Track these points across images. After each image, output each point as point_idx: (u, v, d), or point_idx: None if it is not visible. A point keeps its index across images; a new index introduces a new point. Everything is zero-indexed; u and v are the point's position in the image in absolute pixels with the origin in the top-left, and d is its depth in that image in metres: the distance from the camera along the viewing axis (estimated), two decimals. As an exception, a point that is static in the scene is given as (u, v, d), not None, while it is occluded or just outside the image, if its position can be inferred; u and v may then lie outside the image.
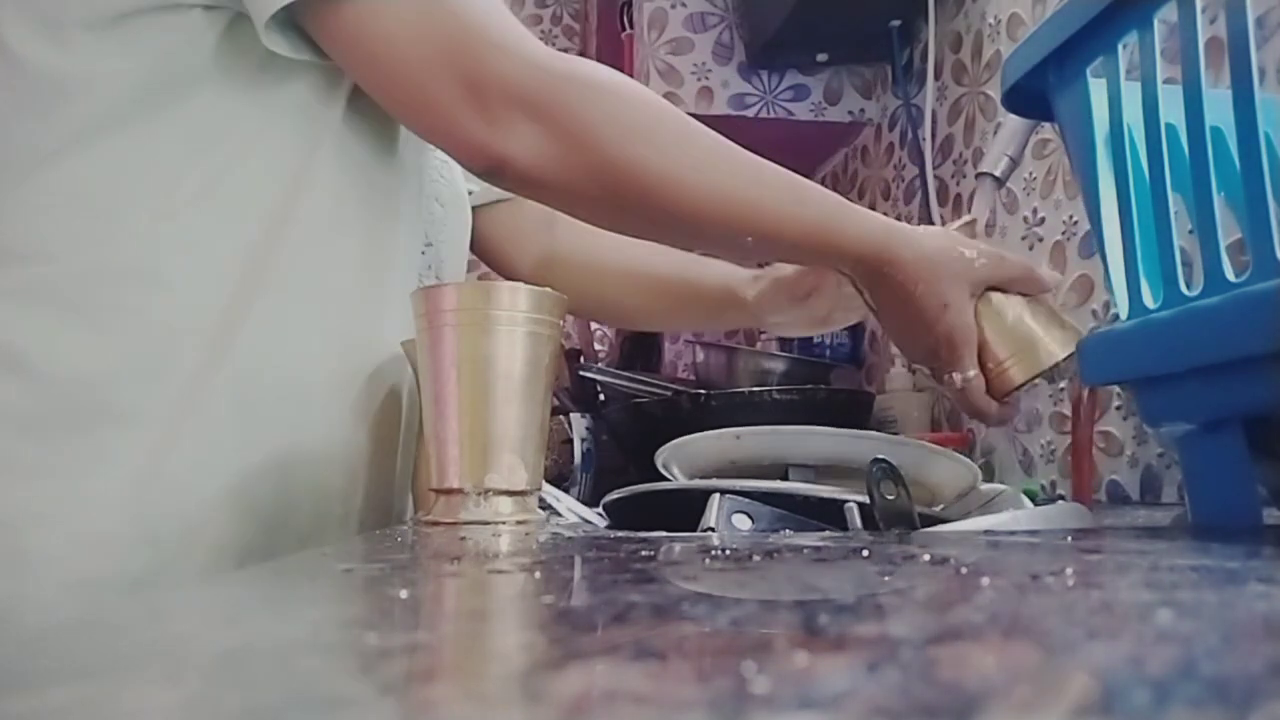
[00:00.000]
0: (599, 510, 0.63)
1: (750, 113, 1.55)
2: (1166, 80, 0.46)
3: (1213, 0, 0.59)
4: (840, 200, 0.64)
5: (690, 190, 0.60)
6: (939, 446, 0.63)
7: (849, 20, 1.37)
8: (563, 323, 0.57)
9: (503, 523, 0.52)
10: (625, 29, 1.87)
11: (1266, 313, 0.38)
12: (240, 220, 0.61)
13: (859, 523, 0.49)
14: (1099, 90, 0.49)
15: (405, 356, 0.66)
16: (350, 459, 0.66)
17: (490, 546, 0.40)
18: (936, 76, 1.33)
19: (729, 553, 0.34)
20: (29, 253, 0.59)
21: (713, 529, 0.49)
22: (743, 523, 0.50)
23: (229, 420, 0.60)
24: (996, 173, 0.71)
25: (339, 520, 0.65)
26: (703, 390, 1.10)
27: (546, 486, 0.62)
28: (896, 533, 0.46)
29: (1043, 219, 1.05)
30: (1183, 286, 0.44)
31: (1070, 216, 1.00)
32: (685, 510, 0.53)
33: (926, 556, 0.32)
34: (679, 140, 0.61)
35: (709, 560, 0.33)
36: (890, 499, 0.48)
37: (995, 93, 1.16)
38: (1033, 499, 0.66)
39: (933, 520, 0.51)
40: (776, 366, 1.27)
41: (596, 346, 1.80)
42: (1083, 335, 0.56)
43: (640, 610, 0.22)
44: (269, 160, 0.62)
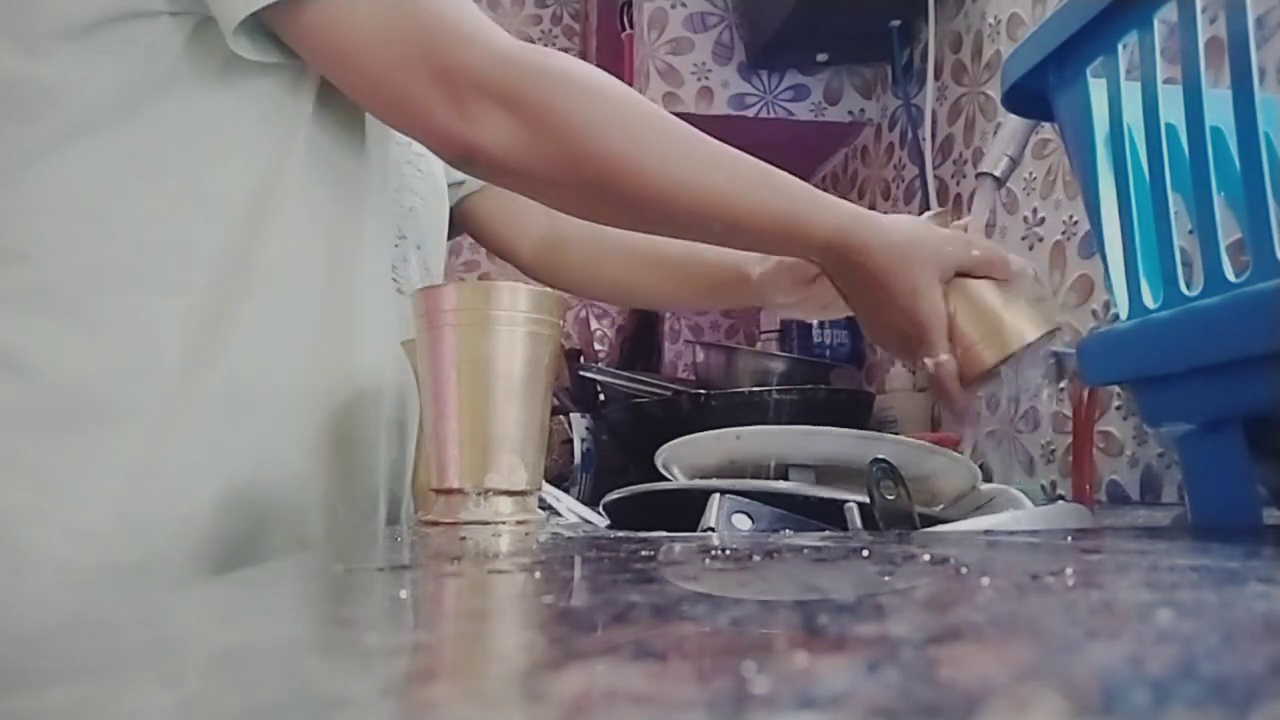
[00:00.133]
0: (599, 510, 0.63)
1: (750, 113, 1.55)
2: (1166, 80, 0.46)
3: (1213, 0, 0.59)
4: (811, 189, 0.64)
5: (659, 177, 0.61)
6: (939, 446, 0.63)
7: (849, 20, 1.37)
8: (562, 323, 0.57)
9: (503, 523, 0.52)
10: (625, 29, 1.87)
11: (1266, 313, 0.38)
12: (222, 218, 0.62)
13: (859, 523, 0.49)
14: (1099, 90, 0.49)
15: (405, 355, 0.66)
16: (331, 451, 0.66)
17: (490, 546, 0.40)
18: (936, 76, 1.33)
19: (729, 553, 0.34)
20: (19, 254, 0.60)
21: (713, 529, 0.50)
22: (743, 523, 0.50)
23: (218, 417, 0.61)
24: (996, 173, 0.70)
25: (325, 513, 0.66)
26: (703, 390, 1.10)
27: (546, 486, 0.62)
28: (896, 533, 0.46)
29: (1043, 219, 1.05)
30: (1183, 286, 0.44)
31: (1070, 216, 1.00)
32: (685, 510, 0.53)
33: (926, 556, 0.32)
34: (648, 128, 0.62)
35: (709, 560, 0.33)
36: (890, 499, 0.48)
37: (995, 93, 1.16)
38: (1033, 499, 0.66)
39: (933, 520, 0.51)
40: (776, 366, 1.27)
41: (596, 346, 1.80)
42: (1057, 320, 0.56)
43: (640, 610, 0.22)
44: (247, 158, 0.63)
